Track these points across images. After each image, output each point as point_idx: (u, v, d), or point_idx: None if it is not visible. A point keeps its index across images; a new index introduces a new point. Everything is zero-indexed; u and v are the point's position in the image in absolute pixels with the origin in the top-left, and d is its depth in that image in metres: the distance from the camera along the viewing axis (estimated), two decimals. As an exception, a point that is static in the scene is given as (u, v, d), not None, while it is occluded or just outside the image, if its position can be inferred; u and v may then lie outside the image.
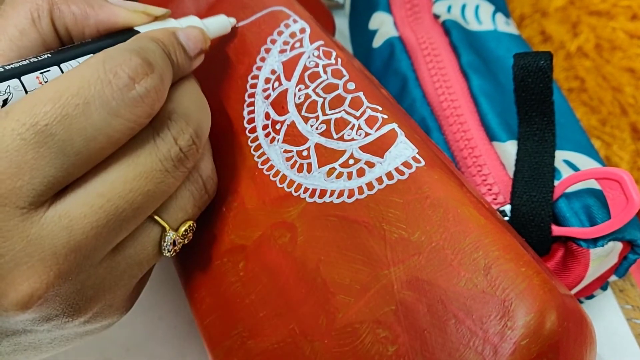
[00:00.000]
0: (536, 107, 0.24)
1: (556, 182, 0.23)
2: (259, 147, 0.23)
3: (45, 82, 0.19)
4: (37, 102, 0.17)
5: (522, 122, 0.25)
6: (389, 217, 0.20)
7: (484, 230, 0.18)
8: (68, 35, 0.22)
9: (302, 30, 0.24)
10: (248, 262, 0.22)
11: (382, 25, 0.32)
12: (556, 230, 0.23)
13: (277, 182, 0.22)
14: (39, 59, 0.19)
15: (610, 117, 0.35)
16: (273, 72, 0.24)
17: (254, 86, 0.25)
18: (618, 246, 0.23)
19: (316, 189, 0.21)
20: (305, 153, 0.22)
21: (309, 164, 0.22)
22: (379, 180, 0.20)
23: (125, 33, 0.22)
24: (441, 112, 0.28)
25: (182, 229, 0.21)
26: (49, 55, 0.20)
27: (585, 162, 0.26)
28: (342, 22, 0.40)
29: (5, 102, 0.18)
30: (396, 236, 0.19)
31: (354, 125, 0.22)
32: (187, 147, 0.20)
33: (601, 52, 0.35)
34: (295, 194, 0.22)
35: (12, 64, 0.19)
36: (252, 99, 0.24)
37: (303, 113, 0.23)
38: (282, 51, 0.24)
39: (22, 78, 0.19)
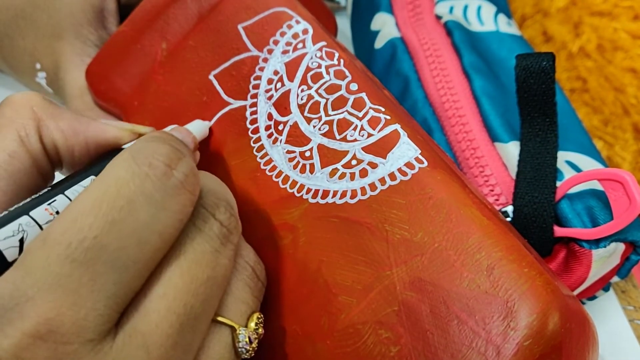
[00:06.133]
0: (538, 108, 0.24)
1: (558, 183, 0.23)
2: (261, 147, 0.23)
3: (56, 212, 0.18)
4: (76, 216, 0.15)
5: (525, 123, 0.25)
6: (391, 218, 0.20)
7: (486, 231, 0.18)
8: (57, 154, 0.21)
9: (305, 31, 0.24)
10: (250, 262, 0.22)
11: (384, 26, 0.32)
12: (558, 231, 0.23)
13: (280, 183, 0.22)
14: (40, 194, 0.19)
15: (613, 117, 0.35)
16: (276, 72, 0.24)
17: (256, 87, 0.25)
18: (620, 247, 0.23)
19: (319, 190, 0.21)
20: (307, 154, 0.22)
21: (312, 165, 0.22)
22: (382, 181, 0.20)
23: (117, 153, 0.21)
24: (443, 112, 0.28)
25: (252, 323, 0.19)
26: (49, 189, 0.19)
27: (587, 163, 0.26)
28: (343, 23, 0.40)
29: (21, 241, 0.17)
30: (399, 237, 0.19)
31: (356, 126, 0.22)
32: (227, 220, 0.19)
33: (603, 52, 0.35)
34: (297, 195, 0.22)
35: (13, 207, 0.18)
36: (255, 100, 0.24)
37: (306, 114, 0.23)
38: (284, 52, 0.24)
39: (31, 213, 0.17)
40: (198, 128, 0.24)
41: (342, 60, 0.23)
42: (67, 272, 0.14)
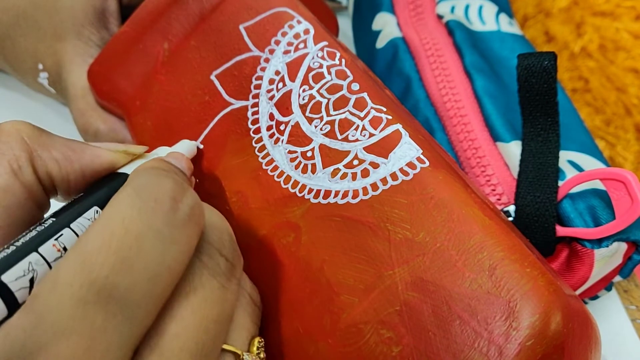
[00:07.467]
0: (540, 107, 0.24)
1: (560, 183, 0.23)
2: (263, 147, 0.23)
3: (63, 248, 0.18)
4: (85, 257, 0.15)
5: (526, 122, 0.25)
6: (393, 217, 0.20)
7: (488, 230, 0.18)
8: (51, 184, 0.21)
9: (306, 31, 0.24)
10: (252, 261, 0.22)
11: (386, 26, 0.32)
12: (560, 230, 0.23)
13: (282, 183, 0.22)
14: (45, 226, 0.18)
15: (614, 117, 0.35)
16: (277, 72, 0.24)
17: (258, 87, 0.25)
18: (622, 247, 0.23)
19: (320, 190, 0.21)
20: (309, 154, 0.22)
21: (314, 165, 0.22)
22: (384, 181, 0.20)
23: (114, 178, 0.21)
24: (445, 112, 0.28)
25: (254, 348, 0.19)
26: (53, 219, 0.18)
27: (589, 163, 0.26)
28: (345, 23, 0.40)
29: (32, 281, 0.16)
30: (400, 237, 0.19)
31: (358, 125, 0.22)
32: (231, 254, 0.19)
33: (605, 52, 0.35)
34: (299, 195, 0.22)
35: (18, 239, 0.17)
36: (256, 100, 0.24)
37: (307, 114, 0.23)
38: (286, 52, 0.24)
39: (39, 250, 0.17)
40: (187, 149, 0.24)
41: (343, 60, 0.23)
42: (80, 315, 0.14)
